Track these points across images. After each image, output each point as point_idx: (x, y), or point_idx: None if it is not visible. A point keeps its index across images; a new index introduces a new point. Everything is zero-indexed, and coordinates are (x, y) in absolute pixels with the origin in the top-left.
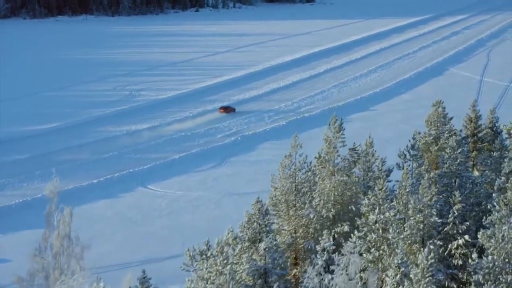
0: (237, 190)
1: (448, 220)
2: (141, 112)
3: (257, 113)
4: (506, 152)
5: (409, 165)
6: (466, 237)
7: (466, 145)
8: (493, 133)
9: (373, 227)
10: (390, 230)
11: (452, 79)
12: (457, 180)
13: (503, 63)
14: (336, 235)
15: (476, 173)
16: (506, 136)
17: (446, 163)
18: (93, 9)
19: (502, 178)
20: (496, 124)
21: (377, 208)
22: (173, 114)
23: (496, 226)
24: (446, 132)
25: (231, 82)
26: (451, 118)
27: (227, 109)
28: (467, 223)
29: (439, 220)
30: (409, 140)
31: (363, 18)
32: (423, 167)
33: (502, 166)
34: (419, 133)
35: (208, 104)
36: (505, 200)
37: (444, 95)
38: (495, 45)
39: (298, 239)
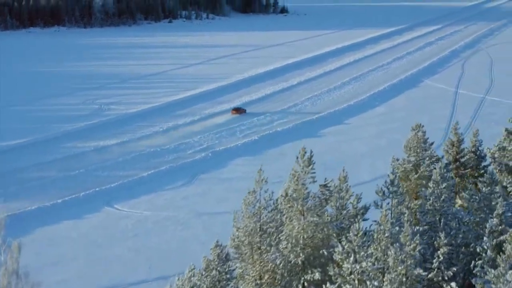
0: (207, 210)
1: (433, 266)
2: (110, 127)
3: (229, 128)
4: (496, 187)
5: (388, 203)
6: (453, 284)
7: (449, 172)
8: (476, 157)
9: (348, 278)
10: (368, 283)
11: (426, 91)
12: (441, 218)
13: (477, 74)
14: (306, 284)
15: (459, 201)
16: (490, 160)
17: (429, 199)
18: (65, 20)
19: (495, 219)
20: (480, 148)
21: (352, 256)
22: (143, 128)
23: (493, 286)
24: (427, 158)
25: (203, 95)
26: (432, 143)
27: (239, 110)
28: (454, 268)
29: (424, 273)
30: (388, 175)
31: (337, 28)
32: (405, 203)
33: (493, 203)
34: (397, 160)
35: (179, 118)
36: (503, 256)
37: (418, 107)
38: (469, 56)
39: (264, 286)
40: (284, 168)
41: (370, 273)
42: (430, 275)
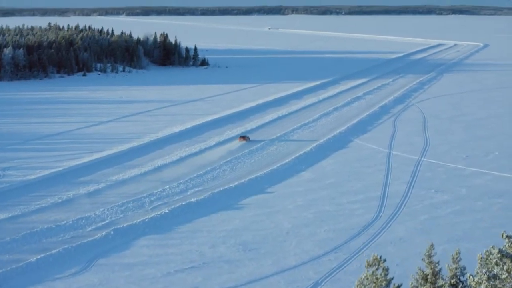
0: None
1: None
2: (2, 198)
3: (137, 198)
4: None
5: None
6: None
7: None
8: None
9: None
10: None
11: (357, 152)
12: None
13: (411, 133)
14: None
15: None
16: None
17: None
18: None
19: None
20: (462, 279)
21: None
22: (39, 199)
23: None
24: None
25: (111, 158)
26: (399, 286)
27: (245, 138)
28: None
29: None
30: None
31: (259, 82)
32: None
33: None
34: None
35: (81, 186)
36: None
37: (349, 172)
38: (400, 112)
39: None
40: (196, 250)
41: None
42: None
